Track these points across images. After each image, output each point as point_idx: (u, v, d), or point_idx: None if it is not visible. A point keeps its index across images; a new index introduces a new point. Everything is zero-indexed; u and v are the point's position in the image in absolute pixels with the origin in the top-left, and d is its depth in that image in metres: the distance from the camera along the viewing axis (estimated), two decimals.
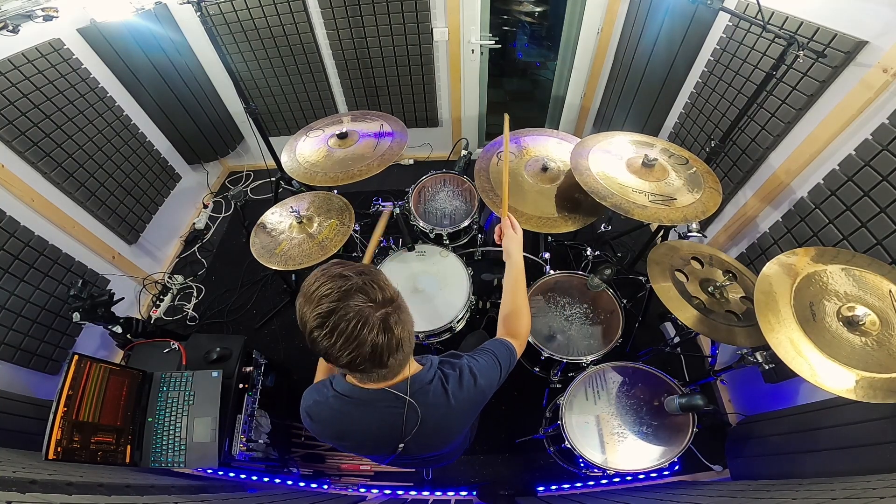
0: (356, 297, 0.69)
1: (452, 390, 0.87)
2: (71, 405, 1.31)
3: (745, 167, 1.83)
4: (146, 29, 2.33)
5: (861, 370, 0.92)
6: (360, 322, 0.68)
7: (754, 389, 1.77)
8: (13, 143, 1.81)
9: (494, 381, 0.95)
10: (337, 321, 0.67)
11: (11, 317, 1.73)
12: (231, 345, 1.68)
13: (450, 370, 0.90)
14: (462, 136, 3.19)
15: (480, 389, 0.91)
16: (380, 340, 0.70)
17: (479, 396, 0.92)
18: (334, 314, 0.68)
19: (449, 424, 0.93)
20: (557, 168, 1.72)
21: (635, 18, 2.30)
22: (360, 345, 0.69)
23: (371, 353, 0.70)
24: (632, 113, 2.56)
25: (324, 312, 0.68)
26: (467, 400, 0.90)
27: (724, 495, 1.34)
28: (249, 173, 3.45)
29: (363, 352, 0.69)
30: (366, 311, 0.69)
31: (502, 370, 0.97)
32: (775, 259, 1.16)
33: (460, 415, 0.92)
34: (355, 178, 1.70)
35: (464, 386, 0.89)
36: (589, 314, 1.66)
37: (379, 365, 0.73)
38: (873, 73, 1.27)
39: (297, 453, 1.91)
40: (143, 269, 2.55)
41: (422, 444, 0.94)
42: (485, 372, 0.93)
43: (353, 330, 0.68)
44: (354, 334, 0.68)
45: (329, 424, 0.90)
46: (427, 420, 0.86)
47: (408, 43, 2.61)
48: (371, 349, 0.70)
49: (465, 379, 0.89)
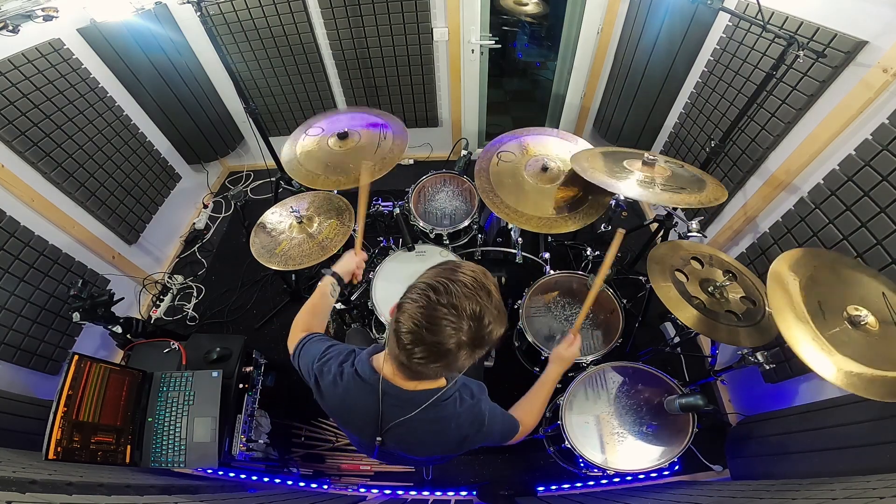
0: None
1: (460, 412, 0.87)
2: (71, 405, 1.31)
3: (745, 167, 1.83)
4: (146, 29, 2.33)
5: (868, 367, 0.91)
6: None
7: (754, 389, 1.77)
8: (13, 143, 1.81)
9: (490, 436, 0.94)
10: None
11: (11, 317, 1.73)
12: (231, 345, 1.68)
13: (468, 398, 0.90)
14: (462, 136, 3.19)
15: (481, 433, 0.91)
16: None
17: (473, 437, 0.91)
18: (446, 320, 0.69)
19: (435, 441, 0.93)
20: (557, 168, 1.72)
21: (635, 18, 2.30)
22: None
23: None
24: (632, 113, 2.56)
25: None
26: (465, 426, 0.89)
27: (724, 495, 1.33)
28: (249, 173, 3.45)
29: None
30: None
31: (500, 436, 0.97)
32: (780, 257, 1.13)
33: (449, 441, 0.92)
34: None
35: (473, 418, 0.89)
36: (589, 314, 1.66)
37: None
38: (873, 73, 1.27)
39: (297, 453, 1.91)
40: (143, 269, 2.55)
41: (405, 442, 0.93)
42: (495, 425, 0.94)
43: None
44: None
45: (331, 397, 0.90)
46: (419, 426, 0.86)
47: (408, 43, 2.61)
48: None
49: (475, 414, 0.90)
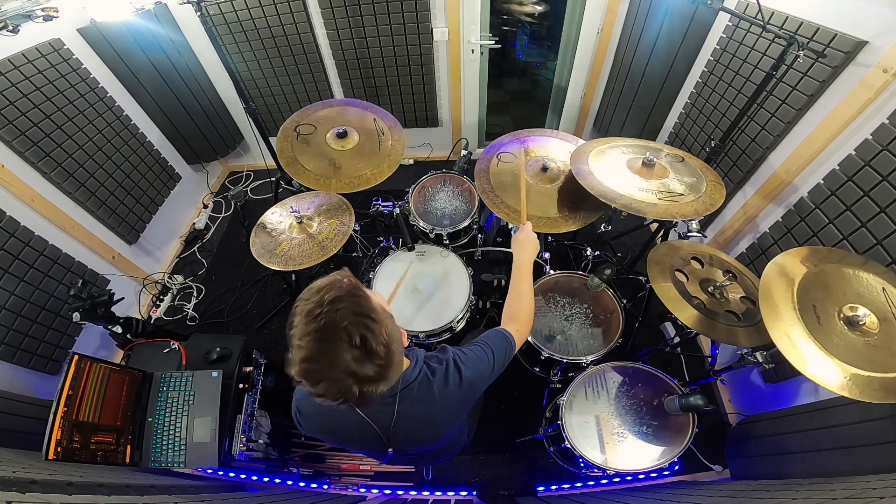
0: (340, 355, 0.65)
1: (438, 385, 0.86)
2: (71, 405, 1.31)
3: (745, 167, 1.83)
4: (146, 29, 2.33)
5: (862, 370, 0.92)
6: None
7: (754, 389, 1.77)
8: (13, 143, 1.81)
9: (486, 373, 0.92)
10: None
11: (11, 317, 1.73)
12: (231, 345, 1.68)
13: (436, 364, 0.88)
14: (462, 136, 3.19)
15: (469, 382, 0.89)
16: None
17: (468, 389, 0.89)
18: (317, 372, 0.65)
19: (436, 419, 0.92)
20: (557, 168, 1.72)
21: (635, 18, 2.30)
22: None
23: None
24: (632, 113, 2.56)
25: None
26: (454, 393, 0.88)
27: (724, 495, 1.33)
28: (249, 173, 3.45)
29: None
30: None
31: (496, 360, 0.94)
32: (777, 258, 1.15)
33: (448, 408, 0.91)
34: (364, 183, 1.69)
35: (450, 380, 0.87)
36: (589, 314, 1.66)
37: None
38: (873, 73, 1.27)
39: (297, 453, 1.91)
40: (143, 269, 2.55)
41: (412, 440, 0.93)
42: (473, 364, 0.90)
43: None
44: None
45: (316, 420, 0.91)
46: (413, 416, 0.86)
47: (408, 43, 2.61)
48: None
49: (451, 373, 0.88)
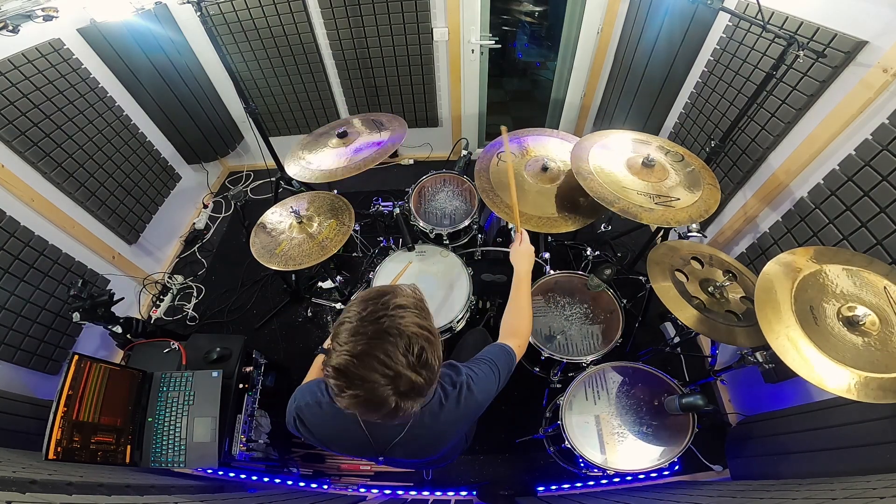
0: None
1: (449, 407, 0.87)
2: (71, 405, 1.31)
3: (745, 167, 1.83)
4: (146, 29, 2.33)
5: (862, 370, 0.92)
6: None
7: (754, 389, 1.77)
8: (13, 143, 1.81)
9: (492, 391, 0.94)
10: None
11: (11, 317, 1.73)
12: (231, 345, 1.68)
13: (450, 388, 0.89)
14: (462, 136, 3.19)
15: (478, 403, 0.91)
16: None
17: (476, 409, 0.92)
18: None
19: (439, 439, 0.93)
20: (557, 168, 1.72)
21: (635, 18, 2.29)
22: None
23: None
24: (632, 113, 2.56)
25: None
26: (463, 415, 0.90)
27: (724, 495, 1.33)
28: (249, 173, 3.45)
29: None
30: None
31: (500, 378, 0.96)
32: (775, 259, 1.15)
33: (453, 427, 0.92)
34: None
35: (461, 403, 0.88)
36: (589, 314, 1.66)
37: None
38: (873, 73, 1.27)
39: (297, 453, 1.91)
40: (143, 269, 2.55)
41: (409, 454, 0.94)
42: (483, 385, 0.92)
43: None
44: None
45: (318, 429, 0.89)
46: (417, 436, 0.86)
47: (408, 43, 2.61)
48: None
49: (464, 396, 0.89)
